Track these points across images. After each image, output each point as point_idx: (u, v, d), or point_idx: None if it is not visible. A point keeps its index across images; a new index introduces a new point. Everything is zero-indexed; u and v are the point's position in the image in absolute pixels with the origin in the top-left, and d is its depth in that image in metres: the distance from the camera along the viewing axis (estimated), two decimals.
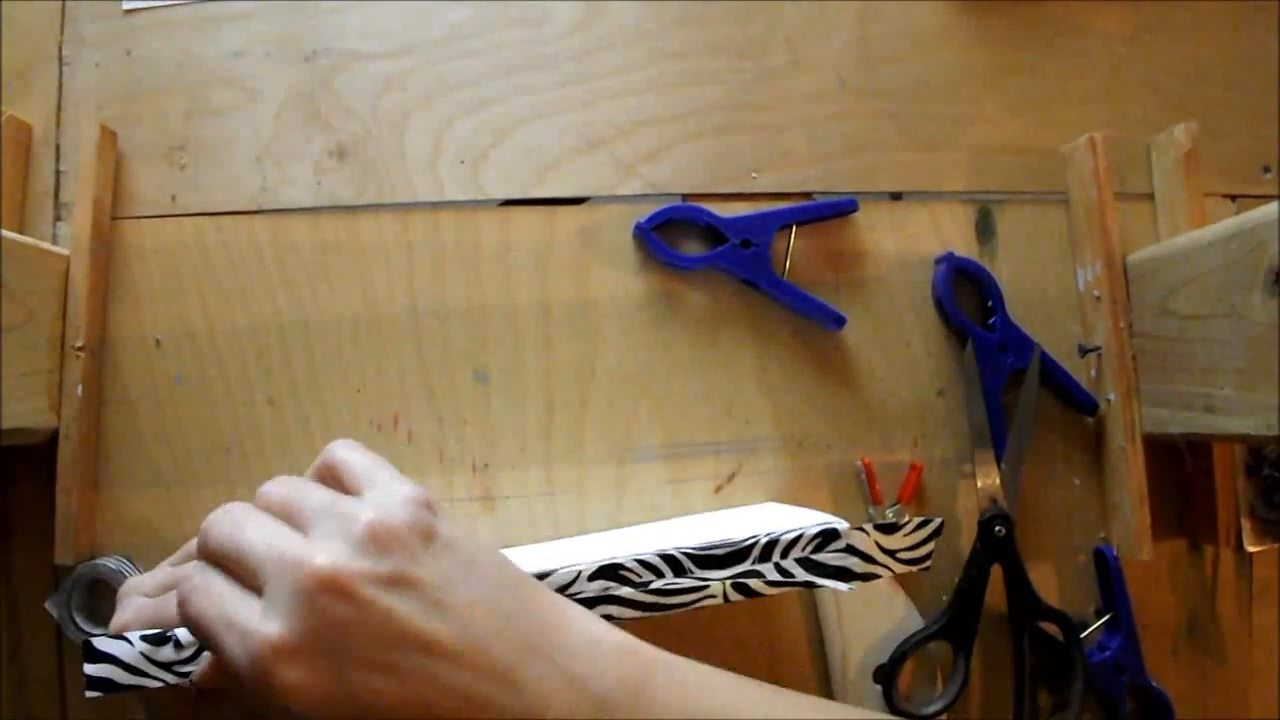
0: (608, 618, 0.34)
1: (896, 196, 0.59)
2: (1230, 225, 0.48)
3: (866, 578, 0.38)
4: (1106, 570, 0.56)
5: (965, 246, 0.59)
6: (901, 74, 0.60)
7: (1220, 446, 0.57)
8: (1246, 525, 0.57)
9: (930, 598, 0.55)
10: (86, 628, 0.49)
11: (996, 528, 0.53)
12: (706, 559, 0.36)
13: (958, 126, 0.60)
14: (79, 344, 0.50)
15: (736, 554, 0.36)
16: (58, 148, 0.54)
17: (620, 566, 0.36)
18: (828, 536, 0.37)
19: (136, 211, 0.54)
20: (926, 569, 0.40)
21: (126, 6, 0.56)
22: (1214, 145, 0.61)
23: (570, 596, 0.35)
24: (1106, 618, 0.56)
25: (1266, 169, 0.62)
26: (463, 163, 0.56)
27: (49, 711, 0.51)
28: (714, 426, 0.56)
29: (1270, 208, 0.45)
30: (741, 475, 0.56)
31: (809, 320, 0.57)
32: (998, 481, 0.55)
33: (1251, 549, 0.57)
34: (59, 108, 0.55)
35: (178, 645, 0.33)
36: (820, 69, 0.59)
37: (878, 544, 0.38)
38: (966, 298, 0.58)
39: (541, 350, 0.55)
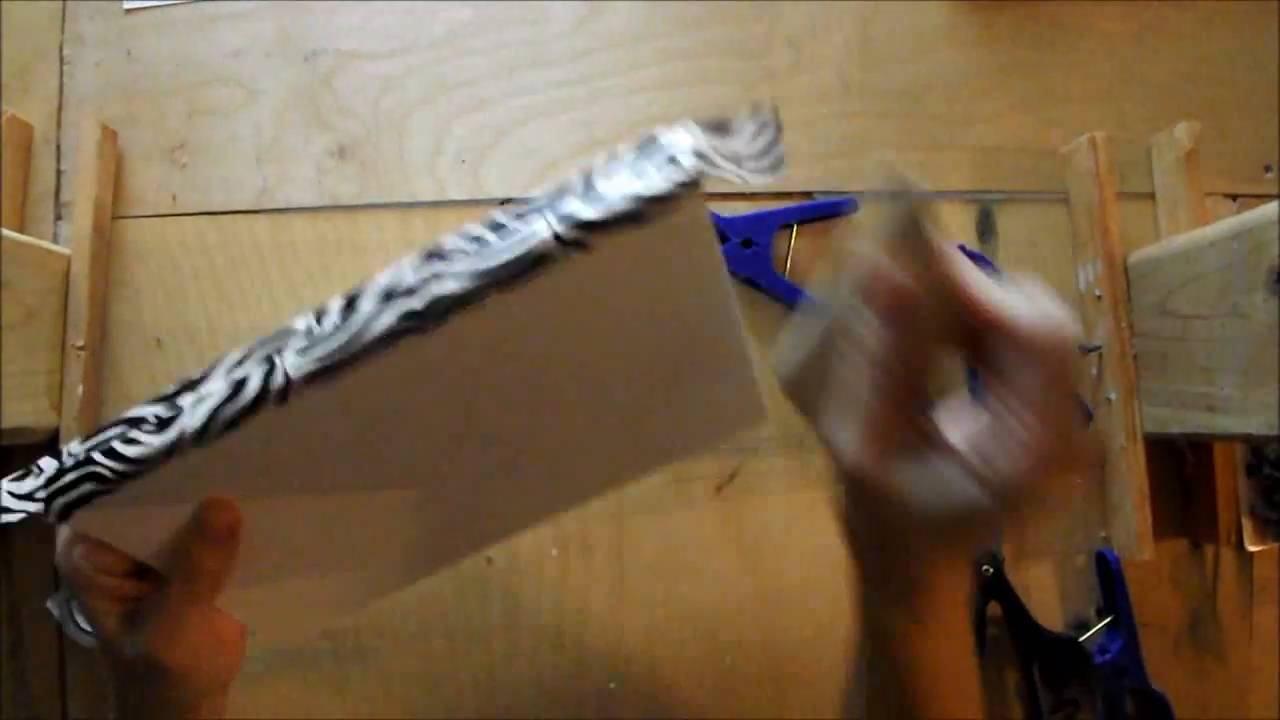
0: (431, 297, 0.27)
1: None
2: (1231, 225, 0.48)
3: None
4: (1108, 573, 0.56)
5: (966, 246, 0.59)
6: (902, 74, 0.60)
7: (1221, 446, 0.57)
8: (1247, 525, 0.57)
9: None
10: (87, 627, 0.49)
11: (984, 567, 0.54)
12: (528, 213, 0.27)
13: (958, 126, 0.60)
14: (79, 343, 0.50)
15: (556, 195, 0.27)
16: (58, 147, 0.54)
17: (440, 247, 0.28)
18: (645, 145, 0.27)
19: (137, 211, 0.54)
20: (780, 172, 0.30)
21: (127, 6, 0.56)
22: (1215, 145, 0.61)
23: (392, 293, 0.27)
24: (1108, 620, 0.56)
25: (1267, 168, 0.62)
26: (463, 162, 0.56)
27: (49, 710, 0.51)
28: None
29: (1271, 207, 0.45)
30: (742, 475, 0.56)
31: None
32: None
33: (1252, 548, 0.57)
34: (59, 107, 0.55)
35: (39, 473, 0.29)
36: (821, 69, 0.59)
37: (715, 149, 0.28)
38: None
39: None
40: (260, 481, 0.31)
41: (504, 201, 0.56)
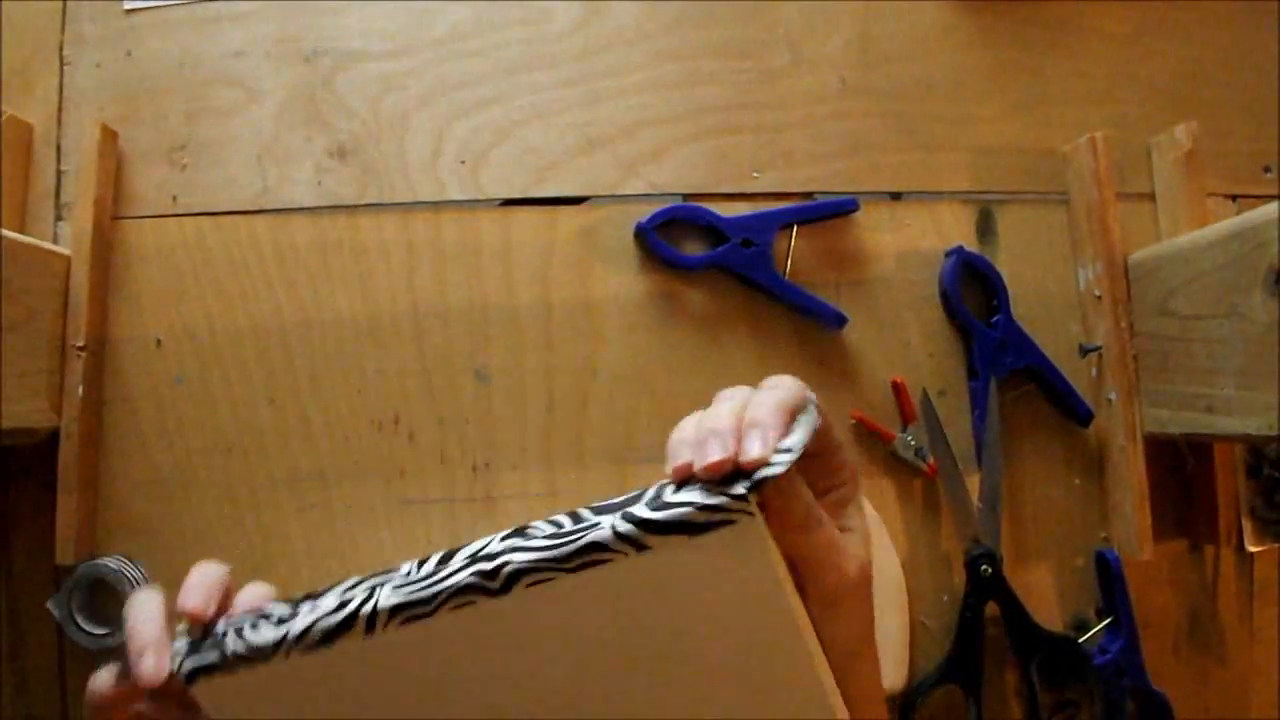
0: (503, 565, 0.31)
1: (897, 196, 0.59)
2: (1231, 225, 0.48)
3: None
4: (1108, 573, 0.56)
5: (966, 246, 0.59)
6: (902, 74, 0.60)
7: (1221, 446, 0.57)
8: (1247, 525, 0.57)
9: (935, 641, 0.56)
10: (87, 627, 0.49)
11: (983, 567, 0.54)
12: (604, 508, 0.32)
13: (958, 126, 0.60)
14: (79, 344, 0.50)
15: (634, 498, 0.32)
16: (58, 148, 0.54)
17: (528, 525, 0.33)
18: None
19: (137, 211, 0.54)
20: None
21: (127, 6, 0.56)
22: (1215, 145, 0.61)
23: (477, 555, 0.32)
24: (1108, 621, 0.56)
25: (1267, 169, 0.62)
26: (463, 162, 0.56)
27: (49, 711, 0.51)
28: None
29: (1270, 208, 0.45)
30: None
31: (810, 320, 0.56)
32: (976, 519, 0.54)
33: (1252, 549, 0.57)
34: (60, 108, 0.55)
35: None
36: (821, 69, 0.59)
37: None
38: (971, 295, 0.58)
39: (542, 350, 0.55)
40: None
41: (504, 202, 0.56)
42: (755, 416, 0.32)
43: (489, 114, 0.57)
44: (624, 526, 0.30)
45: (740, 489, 0.30)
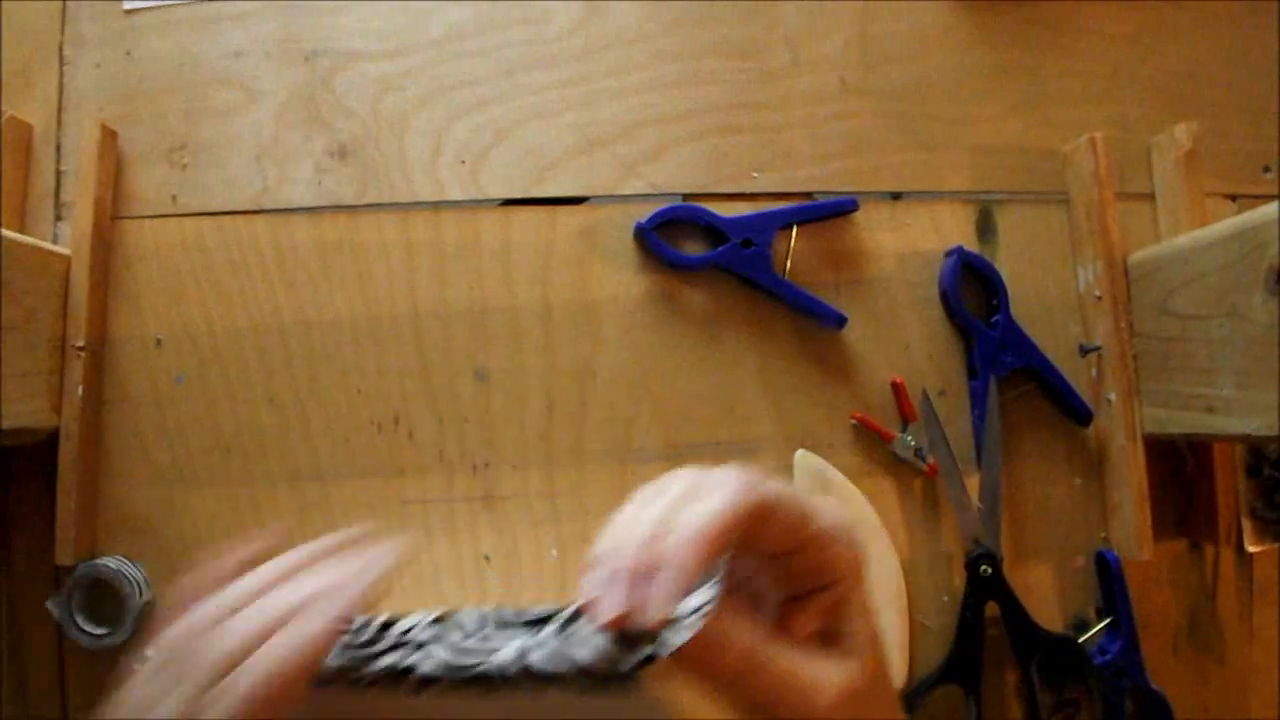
0: (410, 670, 0.29)
1: (897, 196, 0.59)
2: (1231, 225, 0.48)
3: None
4: (1108, 573, 0.56)
5: (966, 246, 0.59)
6: (902, 74, 0.60)
7: (1221, 446, 0.57)
8: (1247, 525, 0.57)
9: (935, 641, 0.55)
10: (87, 627, 0.49)
11: (982, 567, 0.54)
12: (514, 621, 0.30)
13: (958, 126, 0.60)
14: (79, 344, 0.50)
15: (542, 618, 0.29)
16: (58, 148, 0.54)
17: (453, 613, 0.31)
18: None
19: (137, 211, 0.54)
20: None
21: (127, 6, 0.56)
22: (1214, 145, 0.61)
23: (404, 636, 0.30)
24: (1108, 621, 0.56)
25: (1267, 169, 0.62)
26: (463, 162, 0.56)
27: (49, 712, 0.51)
28: (715, 426, 0.56)
29: (1270, 208, 0.45)
30: None
31: (810, 320, 0.57)
32: (976, 519, 0.54)
33: (1252, 549, 0.57)
34: (60, 108, 0.55)
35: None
36: (821, 69, 0.59)
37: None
38: (971, 295, 0.58)
39: (542, 350, 0.55)
40: None
41: (504, 202, 0.56)
42: (668, 553, 0.27)
43: (489, 114, 0.57)
44: (513, 670, 0.28)
45: (635, 661, 0.27)
